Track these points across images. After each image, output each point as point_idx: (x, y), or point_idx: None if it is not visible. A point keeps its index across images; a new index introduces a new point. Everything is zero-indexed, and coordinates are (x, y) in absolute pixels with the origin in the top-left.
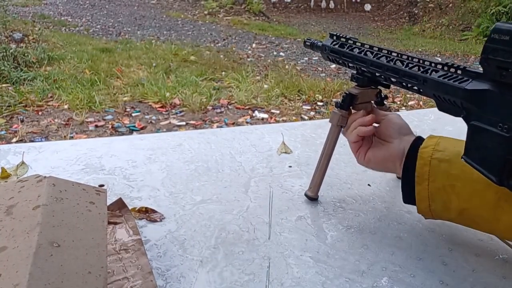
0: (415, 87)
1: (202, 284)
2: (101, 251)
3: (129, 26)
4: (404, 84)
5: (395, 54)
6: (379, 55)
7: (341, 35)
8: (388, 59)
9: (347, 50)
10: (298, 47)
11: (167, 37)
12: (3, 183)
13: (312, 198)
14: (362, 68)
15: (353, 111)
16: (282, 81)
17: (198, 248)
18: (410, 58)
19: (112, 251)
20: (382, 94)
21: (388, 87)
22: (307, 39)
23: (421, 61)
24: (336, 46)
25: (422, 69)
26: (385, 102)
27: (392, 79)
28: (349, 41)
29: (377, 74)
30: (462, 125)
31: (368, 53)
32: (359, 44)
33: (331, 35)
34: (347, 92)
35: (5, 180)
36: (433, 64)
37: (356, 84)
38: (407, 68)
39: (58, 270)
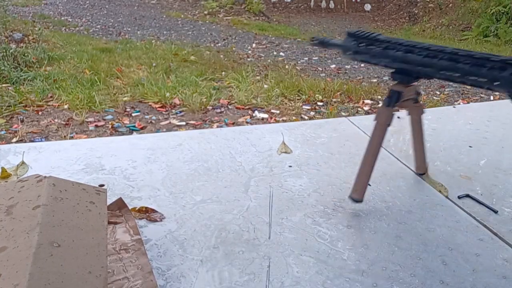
0: (480, 85)
1: (202, 283)
2: (101, 251)
3: (129, 26)
4: (464, 81)
5: (437, 51)
6: (421, 54)
7: (362, 33)
8: (437, 57)
9: (381, 49)
10: (298, 47)
11: (167, 37)
12: (3, 183)
13: (358, 200)
14: (405, 68)
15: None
16: (282, 81)
17: (198, 248)
18: (459, 54)
19: (112, 251)
20: (418, 90)
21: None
22: (313, 37)
23: (470, 56)
24: (363, 46)
25: (488, 67)
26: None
27: (450, 77)
28: (377, 40)
29: (428, 73)
30: (462, 125)
31: (407, 51)
32: (390, 42)
33: (350, 34)
34: (394, 90)
35: (5, 180)
36: (484, 58)
37: (399, 82)
38: (467, 66)
39: (58, 270)
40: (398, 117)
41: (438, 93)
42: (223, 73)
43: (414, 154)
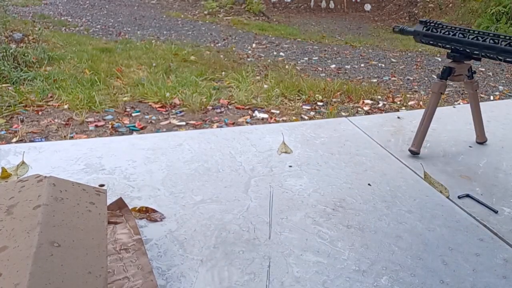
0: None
1: (202, 283)
2: (102, 251)
3: (129, 26)
4: (500, 58)
5: (485, 34)
6: (472, 36)
7: (430, 21)
8: (482, 39)
9: (441, 33)
10: (298, 47)
11: (167, 37)
12: (4, 183)
13: (415, 152)
14: (458, 47)
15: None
16: (282, 81)
17: (199, 248)
18: (500, 36)
19: (112, 251)
20: (472, 69)
21: (479, 60)
22: (395, 26)
23: (508, 38)
24: (429, 31)
25: None
26: (473, 75)
27: (489, 55)
28: (440, 26)
29: (475, 52)
30: (462, 125)
31: (461, 35)
32: (450, 28)
33: (421, 22)
34: (447, 66)
35: (5, 180)
36: None
37: (452, 60)
38: (503, 45)
39: (58, 269)
40: (398, 117)
41: None
42: (223, 73)
43: (474, 124)
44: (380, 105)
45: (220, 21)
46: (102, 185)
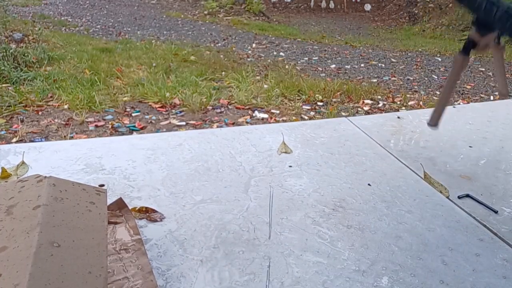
0: None
1: (202, 283)
2: (101, 251)
3: (129, 26)
4: None
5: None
6: (499, 14)
7: None
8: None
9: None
10: (298, 47)
11: (167, 37)
12: (3, 183)
13: (433, 126)
14: (483, 18)
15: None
16: (282, 81)
17: (198, 248)
18: None
19: (112, 251)
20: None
21: None
22: None
23: None
24: None
25: None
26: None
27: None
28: None
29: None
30: (462, 125)
31: (494, 7)
32: None
33: None
34: (470, 39)
35: (5, 180)
36: None
37: (477, 30)
38: None
39: (58, 270)
40: (398, 117)
41: (438, 93)
42: (223, 73)
43: (497, 78)
44: (380, 105)
45: (220, 21)
46: (102, 185)
